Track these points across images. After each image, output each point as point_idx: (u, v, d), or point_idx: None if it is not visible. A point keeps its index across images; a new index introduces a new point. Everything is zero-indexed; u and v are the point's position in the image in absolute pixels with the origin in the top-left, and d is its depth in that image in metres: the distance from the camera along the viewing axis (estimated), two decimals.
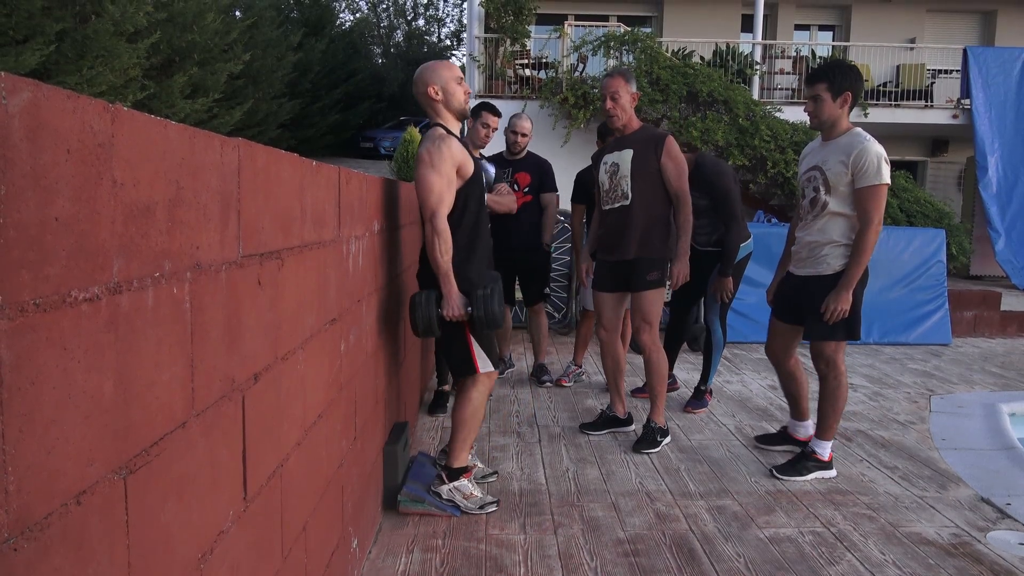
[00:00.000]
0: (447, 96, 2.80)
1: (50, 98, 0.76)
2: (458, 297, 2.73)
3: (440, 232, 2.66)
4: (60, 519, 0.78)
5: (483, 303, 2.71)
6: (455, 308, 2.72)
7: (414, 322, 2.75)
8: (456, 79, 2.82)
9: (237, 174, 1.28)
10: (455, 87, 2.80)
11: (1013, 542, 2.72)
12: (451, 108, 2.82)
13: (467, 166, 2.77)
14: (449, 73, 2.81)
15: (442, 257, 2.68)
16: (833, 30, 14.95)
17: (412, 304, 2.75)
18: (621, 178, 3.67)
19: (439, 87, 2.79)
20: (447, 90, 2.80)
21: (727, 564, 2.52)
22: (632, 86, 3.65)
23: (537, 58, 12.39)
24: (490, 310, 2.71)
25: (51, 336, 0.76)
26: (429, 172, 2.68)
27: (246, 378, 1.33)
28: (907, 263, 6.82)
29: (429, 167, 2.68)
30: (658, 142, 3.61)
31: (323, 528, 1.92)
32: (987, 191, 10.51)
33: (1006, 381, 5.36)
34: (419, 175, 2.70)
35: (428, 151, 2.70)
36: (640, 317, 3.68)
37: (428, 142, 2.73)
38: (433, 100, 2.80)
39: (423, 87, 2.80)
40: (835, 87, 3.18)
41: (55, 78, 7.62)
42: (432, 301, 2.73)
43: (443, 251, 2.68)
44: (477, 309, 2.72)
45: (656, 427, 3.74)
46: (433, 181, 2.67)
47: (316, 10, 17.86)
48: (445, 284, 2.72)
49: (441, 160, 2.68)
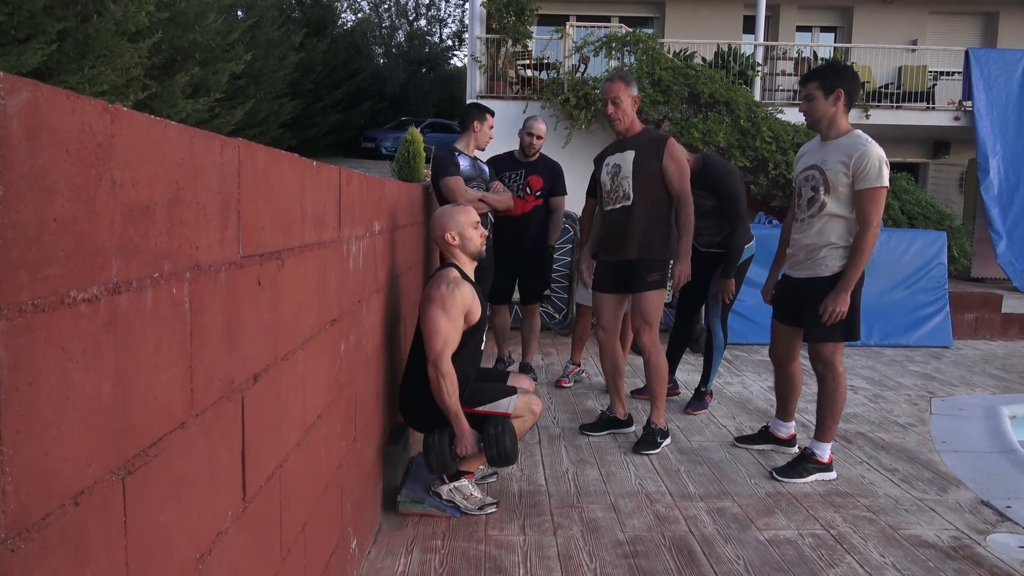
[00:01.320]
0: (464, 241, 2.90)
1: (49, 98, 0.75)
2: (471, 435, 2.78)
3: (445, 375, 2.71)
4: (58, 520, 0.78)
5: (496, 442, 2.75)
6: (469, 447, 2.77)
7: (428, 463, 2.80)
8: (473, 224, 2.91)
9: (237, 174, 1.28)
10: (472, 232, 2.90)
11: (1013, 545, 2.71)
12: (467, 252, 2.92)
13: (475, 312, 2.83)
14: (466, 219, 2.91)
15: (449, 398, 2.73)
16: (835, 32, 14.94)
17: (426, 446, 2.80)
18: (623, 179, 3.68)
19: (456, 232, 2.89)
20: (464, 236, 2.89)
21: (727, 566, 2.52)
22: (633, 89, 3.66)
23: (539, 59, 12.38)
24: (502, 448, 2.76)
25: (49, 337, 0.76)
26: (440, 315, 2.73)
27: (245, 379, 1.33)
28: (908, 265, 6.81)
29: (440, 310, 2.73)
30: (660, 143, 3.63)
31: (322, 529, 1.91)
32: (989, 193, 10.49)
33: (1007, 384, 5.35)
34: (428, 315, 2.74)
35: (442, 295, 2.75)
36: (640, 318, 3.68)
37: (443, 284, 2.78)
38: (450, 245, 2.90)
39: (440, 232, 2.90)
40: (827, 85, 3.19)
41: (57, 77, 7.63)
42: (446, 441, 2.78)
43: (450, 392, 2.72)
44: (490, 448, 2.76)
45: (656, 428, 3.74)
46: (441, 325, 2.72)
47: (318, 10, 17.86)
48: (457, 424, 2.77)
49: (453, 305, 2.74)
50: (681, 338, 4.59)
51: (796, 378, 3.63)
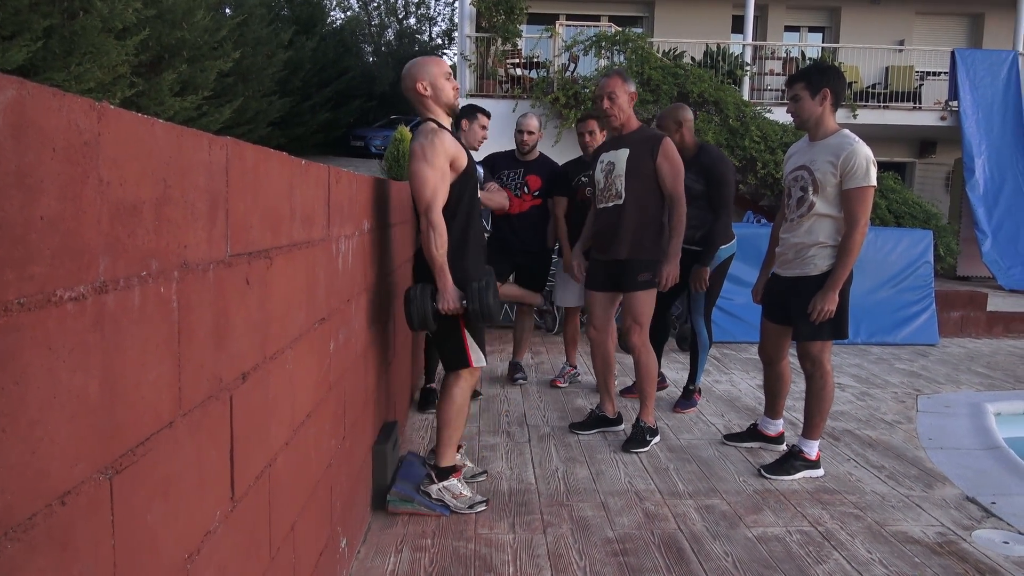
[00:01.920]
0: (436, 91, 2.80)
1: (35, 96, 0.75)
2: (453, 291, 2.73)
3: (435, 226, 2.66)
4: (45, 520, 0.78)
5: (478, 296, 2.71)
6: (451, 301, 2.72)
7: (409, 315, 2.74)
8: (444, 74, 2.82)
9: (225, 173, 1.28)
10: (444, 82, 2.81)
11: (998, 541, 2.74)
12: (440, 103, 2.82)
13: (460, 159, 2.77)
14: (438, 69, 2.82)
15: (437, 251, 2.68)
16: (823, 32, 15.03)
17: (407, 298, 2.75)
18: (616, 177, 3.67)
19: (428, 83, 2.79)
20: (436, 85, 2.80)
21: (715, 563, 2.53)
22: (630, 86, 3.66)
23: (528, 58, 12.39)
24: (485, 303, 2.71)
25: (36, 336, 0.76)
26: (423, 166, 2.67)
27: (234, 378, 1.32)
28: (895, 264, 6.86)
29: (423, 161, 2.68)
30: (654, 143, 3.61)
31: (312, 528, 1.91)
32: (974, 192, 10.60)
33: (992, 381, 5.41)
34: (413, 169, 2.69)
35: (421, 145, 2.70)
36: (631, 318, 3.69)
37: (421, 136, 2.73)
38: (422, 96, 2.80)
39: (412, 83, 2.80)
40: (813, 85, 3.22)
41: (43, 75, 7.56)
42: (427, 295, 2.73)
43: (438, 245, 2.67)
44: (472, 302, 2.72)
45: (645, 427, 3.75)
46: (427, 175, 2.67)
47: (307, 8, 17.78)
48: (440, 278, 2.72)
49: (435, 154, 2.68)
50: (658, 332, 4.59)
51: (785, 376, 3.65)
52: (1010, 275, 9.85)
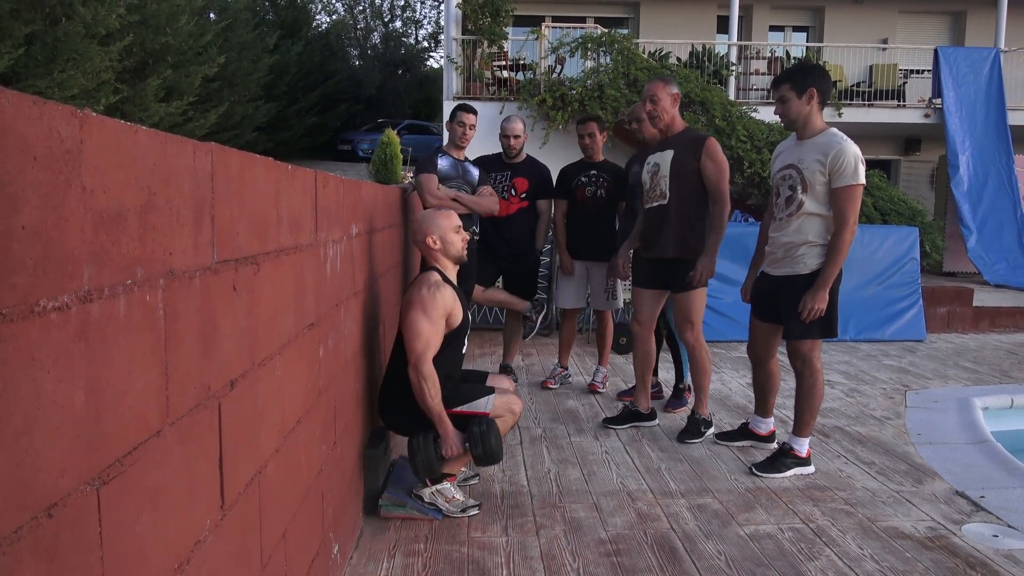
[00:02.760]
0: (445, 245, 2.91)
1: (15, 104, 0.74)
2: (455, 436, 2.78)
3: (426, 377, 2.70)
4: (31, 532, 0.77)
5: (480, 441, 2.75)
6: (454, 448, 2.77)
7: (414, 467, 2.79)
8: (454, 228, 2.92)
9: (211, 179, 1.27)
10: (453, 236, 2.91)
11: (987, 534, 2.76)
12: (449, 256, 2.93)
13: (456, 316, 2.84)
14: (447, 223, 2.91)
15: (432, 400, 2.72)
16: (807, 31, 15.13)
17: (411, 449, 2.79)
18: (661, 178, 3.83)
19: (437, 237, 2.90)
20: (445, 240, 2.90)
21: (708, 562, 2.53)
22: (672, 87, 3.82)
23: (515, 60, 12.40)
24: (488, 447, 2.76)
25: (19, 346, 0.75)
26: (421, 318, 2.73)
27: (222, 385, 1.31)
28: (882, 261, 6.91)
29: (421, 312, 2.73)
30: (699, 143, 3.77)
31: (303, 535, 1.90)
32: (959, 189, 10.68)
33: (979, 376, 5.45)
34: (409, 318, 2.74)
35: (422, 298, 2.75)
36: (683, 316, 3.85)
37: (423, 287, 2.78)
38: (431, 249, 2.91)
39: (422, 236, 2.91)
40: (799, 85, 3.24)
41: (24, 82, 7.50)
42: (431, 443, 2.77)
43: (432, 395, 2.72)
44: (475, 447, 2.76)
45: (700, 419, 3.89)
46: (423, 328, 2.72)
47: (292, 12, 17.72)
48: (440, 426, 2.76)
49: (434, 308, 2.74)
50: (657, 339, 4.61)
51: (774, 375, 3.67)
52: (995, 270, 9.93)
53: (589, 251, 4.73)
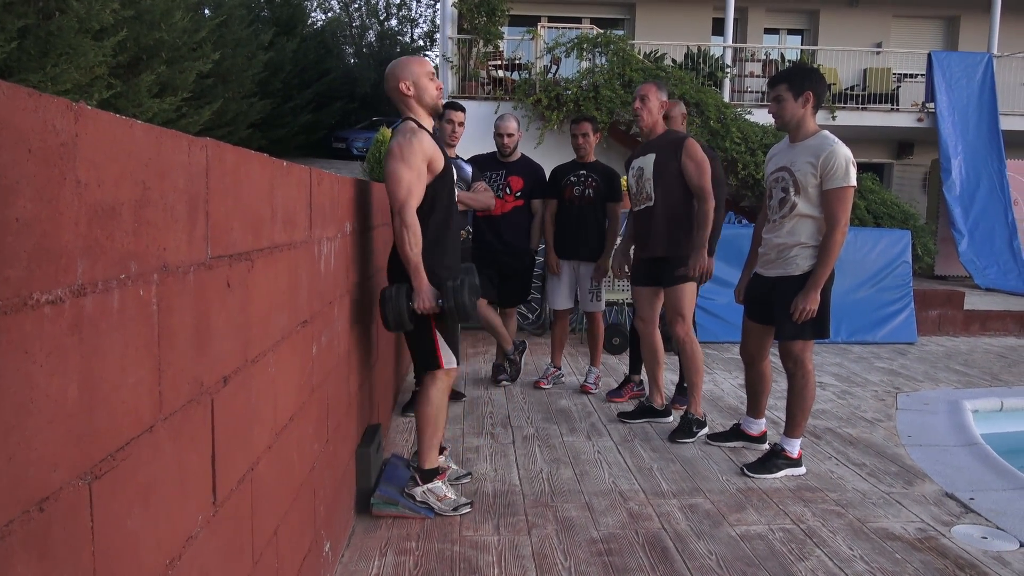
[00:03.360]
0: (419, 91, 2.80)
1: (10, 96, 0.74)
2: (429, 290, 2.72)
3: (409, 225, 2.66)
4: (22, 526, 0.76)
5: (453, 294, 2.71)
6: (426, 300, 2.71)
7: (384, 316, 2.73)
8: (428, 74, 2.82)
9: (205, 174, 1.26)
10: (427, 82, 2.80)
11: (977, 536, 2.78)
12: (423, 103, 2.82)
13: (437, 161, 2.77)
14: (421, 68, 2.81)
15: (411, 250, 2.67)
16: (802, 34, 15.18)
17: (382, 298, 2.74)
18: (645, 181, 3.93)
19: (411, 82, 2.79)
20: (419, 85, 2.79)
21: (699, 562, 2.54)
22: (663, 94, 3.94)
23: (510, 59, 12.40)
24: (460, 301, 2.71)
25: (12, 339, 0.74)
26: (399, 165, 2.67)
27: (215, 381, 1.31)
28: (874, 263, 6.94)
29: (399, 160, 2.67)
30: (677, 144, 3.86)
31: (295, 532, 1.90)
32: (951, 193, 10.74)
33: (969, 379, 5.48)
34: (389, 168, 2.69)
35: (399, 144, 2.69)
36: (673, 310, 3.91)
37: (399, 135, 2.72)
38: (405, 96, 2.80)
39: (394, 82, 2.80)
40: (795, 87, 3.25)
41: (17, 76, 7.45)
42: (403, 294, 2.72)
43: (412, 244, 2.67)
44: (447, 300, 2.71)
45: (693, 418, 3.90)
46: (403, 174, 2.66)
47: (287, 9, 17.66)
48: (415, 277, 2.71)
49: (412, 153, 2.68)
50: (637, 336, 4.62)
51: (767, 376, 3.68)
52: (986, 274, 9.99)
53: (576, 251, 4.73)
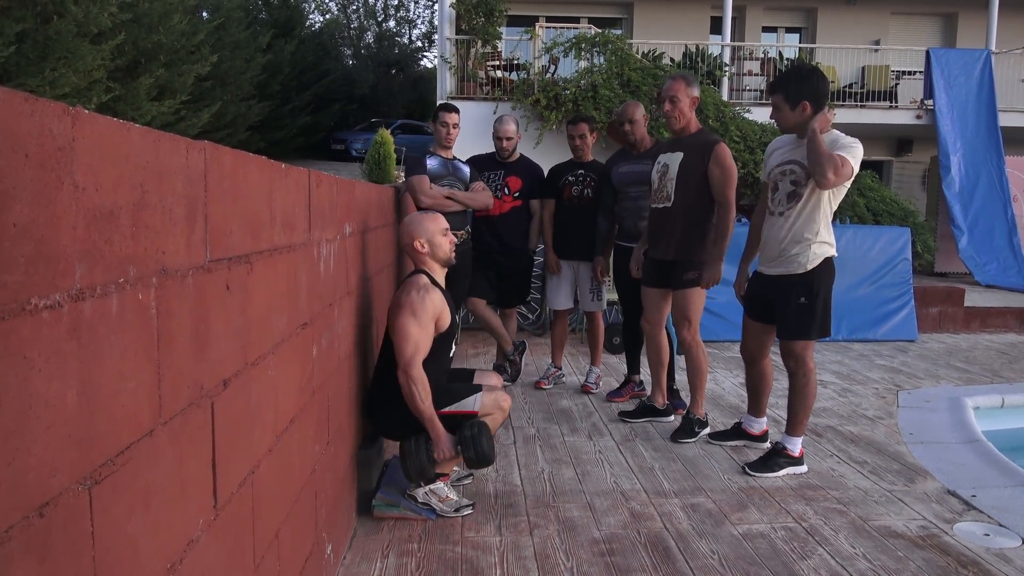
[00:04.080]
0: (433, 248, 2.91)
1: (6, 101, 0.74)
2: (447, 439, 2.76)
3: (416, 380, 2.69)
4: (22, 532, 0.76)
5: (472, 444, 2.74)
6: (446, 451, 2.76)
7: (406, 470, 2.78)
8: (441, 231, 2.92)
9: (204, 177, 1.26)
10: (441, 239, 2.91)
11: (979, 533, 2.78)
12: (437, 259, 2.93)
13: (444, 319, 2.84)
14: (435, 226, 2.92)
15: (423, 403, 2.71)
16: (800, 32, 15.18)
17: (403, 453, 2.78)
18: (668, 179, 3.82)
19: (425, 240, 2.90)
20: (433, 242, 2.90)
21: (701, 561, 2.54)
22: (693, 90, 3.78)
23: (508, 60, 12.39)
24: (480, 450, 2.75)
25: (10, 345, 0.74)
26: (410, 321, 2.72)
27: (215, 384, 1.31)
28: (874, 261, 6.94)
29: (411, 316, 2.73)
30: (708, 148, 3.73)
31: (296, 535, 1.89)
32: (950, 190, 10.73)
33: (970, 376, 5.48)
34: (399, 322, 2.73)
35: (411, 301, 2.75)
36: (680, 314, 3.87)
37: (413, 290, 2.78)
38: (419, 252, 2.91)
39: (409, 240, 2.91)
40: (791, 98, 3.24)
41: (15, 80, 7.45)
42: (422, 448, 2.75)
43: (422, 398, 2.71)
44: (467, 450, 2.75)
45: (695, 419, 3.89)
46: (412, 331, 2.72)
47: (285, 11, 17.66)
48: (432, 429, 2.75)
49: (423, 311, 2.74)
50: (634, 338, 4.61)
51: (767, 374, 3.68)
52: (986, 271, 9.98)
53: (575, 250, 4.73)
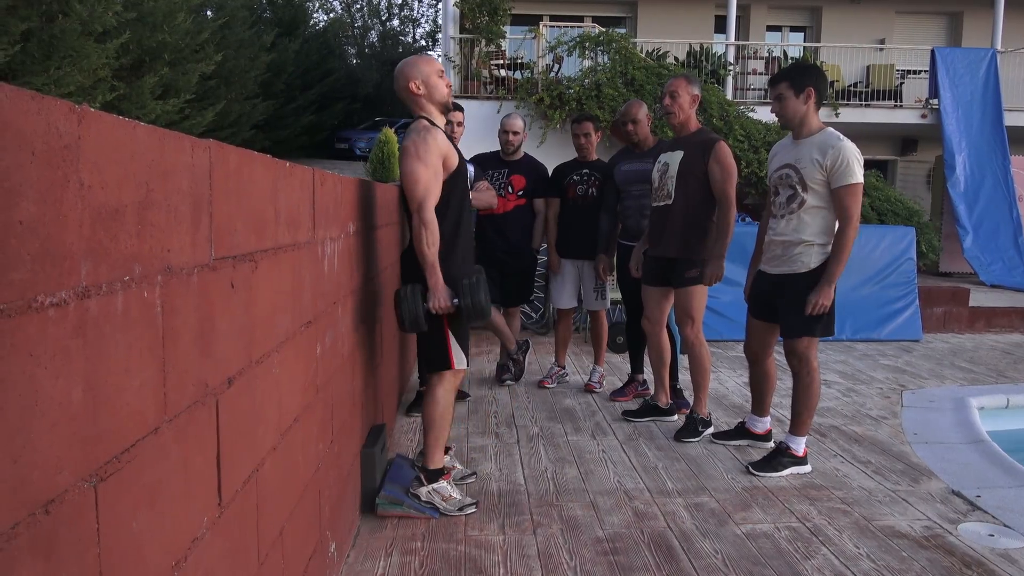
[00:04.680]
0: (429, 89, 2.80)
1: (13, 99, 0.74)
2: (444, 288, 2.71)
3: (427, 223, 2.65)
4: (28, 529, 0.76)
5: (469, 293, 2.70)
6: (442, 299, 2.71)
7: (400, 316, 2.73)
8: (437, 72, 2.82)
9: (208, 176, 1.26)
10: (436, 80, 2.81)
11: (983, 533, 2.77)
12: (434, 101, 2.82)
13: (452, 158, 2.77)
14: (429, 67, 2.82)
15: (429, 249, 2.67)
16: (804, 31, 15.14)
17: (397, 298, 2.73)
18: (668, 178, 3.84)
19: (420, 81, 2.79)
20: (429, 83, 2.80)
21: (705, 561, 2.54)
22: (694, 88, 3.82)
23: (512, 59, 12.39)
24: (476, 300, 2.71)
25: (16, 342, 0.74)
26: (416, 163, 2.66)
27: (220, 382, 1.31)
28: (879, 260, 6.92)
29: (415, 158, 2.67)
30: (708, 146, 3.76)
31: (300, 533, 1.90)
32: (955, 189, 10.70)
33: (975, 376, 5.46)
34: (405, 167, 2.68)
35: (414, 142, 2.69)
36: (683, 312, 3.88)
37: (413, 134, 2.72)
38: (415, 95, 2.80)
39: (404, 82, 2.80)
40: (796, 84, 3.26)
41: (21, 78, 7.47)
42: (418, 294, 2.71)
43: (430, 243, 2.66)
44: (464, 298, 2.71)
45: (699, 418, 3.90)
46: (420, 172, 2.66)
47: (289, 10, 17.67)
48: (431, 275, 2.70)
49: (427, 151, 2.68)
50: (637, 337, 4.61)
51: (771, 374, 3.67)
52: (991, 271, 9.96)
53: (579, 250, 4.73)
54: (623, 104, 5.22)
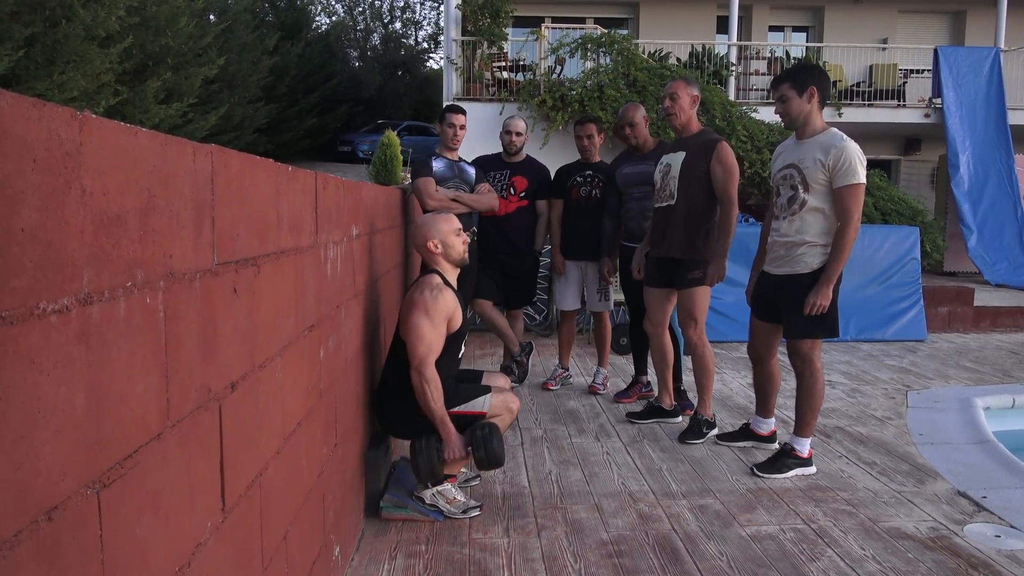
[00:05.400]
0: (447, 249, 2.91)
1: (14, 106, 0.74)
2: (458, 440, 2.76)
3: (429, 380, 2.69)
4: (31, 536, 0.76)
5: (484, 444, 2.74)
6: (456, 451, 2.75)
7: (416, 469, 2.77)
8: (455, 232, 2.92)
9: (211, 181, 1.26)
10: (454, 240, 2.91)
11: (990, 534, 2.76)
12: (450, 260, 2.93)
13: (456, 319, 2.84)
14: (448, 227, 2.92)
15: (435, 404, 2.71)
16: (807, 31, 15.13)
17: (413, 452, 2.77)
18: (671, 178, 3.85)
19: (438, 240, 2.90)
20: (446, 243, 2.91)
21: (710, 563, 2.53)
22: (693, 89, 3.84)
23: (514, 60, 12.40)
24: (491, 450, 2.74)
25: (18, 349, 0.74)
26: (423, 320, 2.72)
27: (223, 387, 1.31)
28: (883, 260, 6.91)
29: (424, 314, 2.73)
30: (710, 146, 3.78)
31: (304, 537, 1.90)
32: (959, 189, 10.67)
33: (980, 375, 5.44)
34: (411, 320, 2.73)
35: (424, 300, 2.75)
36: (686, 313, 3.88)
37: (426, 289, 2.78)
38: (432, 253, 2.91)
39: (422, 240, 2.91)
40: (799, 84, 3.26)
41: (24, 84, 7.50)
42: (432, 447, 2.75)
43: (435, 398, 2.70)
44: (478, 450, 2.74)
45: (703, 419, 3.89)
46: (425, 330, 2.72)
47: (292, 13, 17.71)
48: (443, 429, 2.75)
49: (436, 311, 2.74)
50: (641, 339, 4.60)
51: (775, 375, 3.66)
52: (996, 270, 9.92)
53: (583, 251, 4.73)
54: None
